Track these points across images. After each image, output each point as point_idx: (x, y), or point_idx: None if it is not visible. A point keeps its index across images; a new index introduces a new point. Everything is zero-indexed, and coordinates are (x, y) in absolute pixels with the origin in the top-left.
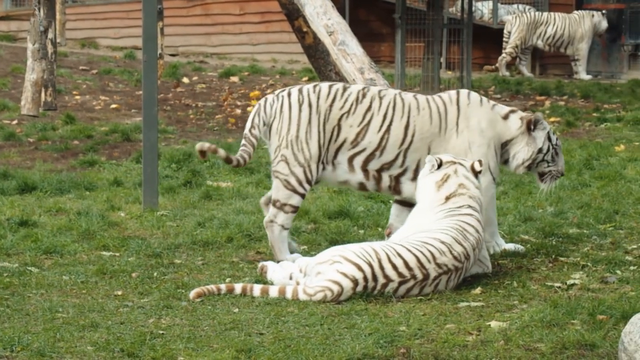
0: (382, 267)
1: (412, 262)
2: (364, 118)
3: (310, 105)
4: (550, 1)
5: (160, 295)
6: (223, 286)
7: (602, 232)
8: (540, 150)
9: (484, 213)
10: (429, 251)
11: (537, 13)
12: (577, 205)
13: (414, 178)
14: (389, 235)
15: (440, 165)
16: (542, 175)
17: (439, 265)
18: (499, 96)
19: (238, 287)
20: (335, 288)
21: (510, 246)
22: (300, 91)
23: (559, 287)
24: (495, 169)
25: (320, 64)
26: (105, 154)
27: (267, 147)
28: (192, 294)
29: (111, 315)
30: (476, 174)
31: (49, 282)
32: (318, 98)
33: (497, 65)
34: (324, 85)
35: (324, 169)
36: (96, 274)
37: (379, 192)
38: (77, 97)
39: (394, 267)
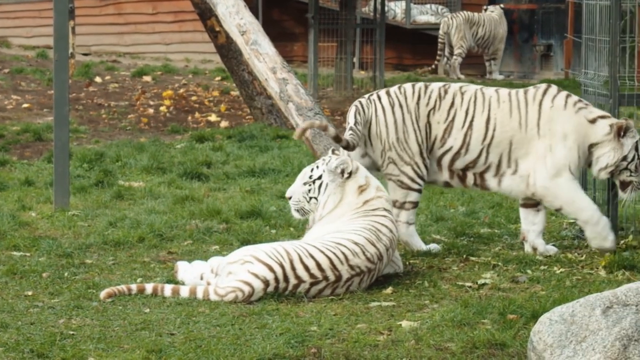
0: (293, 268)
1: (325, 264)
2: (448, 114)
3: (401, 106)
4: (462, 1)
5: (70, 296)
6: (134, 286)
7: (513, 232)
8: (625, 158)
9: (572, 205)
10: (342, 252)
11: (469, 13)
12: (488, 205)
13: (497, 174)
14: (524, 240)
15: (351, 170)
16: (624, 185)
17: (351, 267)
18: None
19: (149, 287)
20: (247, 288)
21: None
22: (388, 94)
23: (470, 287)
24: (576, 171)
25: (233, 64)
26: (16, 154)
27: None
28: (102, 294)
29: (21, 316)
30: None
31: None
32: (405, 98)
33: (433, 66)
34: (407, 85)
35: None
36: (6, 274)
37: (465, 188)
38: None
39: (306, 268)
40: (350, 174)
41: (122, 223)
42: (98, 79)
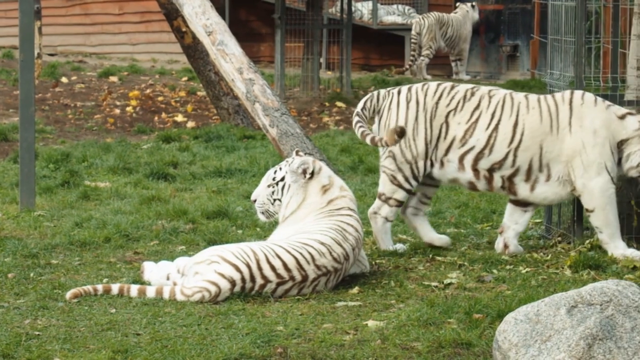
0: (260, 268)
1: (291, 264)
2: (471, 116)
3: (417, 103)
4: (429, 2)
5: (36, 296)
6: (100, 286)
7: (479, 232)
8: None
9: (603, 213)
10: (309, 252)
11: (440, 14)
12: (454, 205)
13: (527, 179)
14: (501, 233)
15: (314, 170)
16: None
17: (318, 267)
18: None
19: (115, 288)
20: (213, 289)
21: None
22: (409, 89)
23: (436, 287)
24: (613, 168)
25: (200, 64)
26: None
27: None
28: (68, 294)
29: None
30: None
31: None
32: (425, 95)
33: (406, 67)
34: (432, 84)
35: (432, 166)
36: None
37: (492, 192)
38: None
39: (273, 268)
40: (312, 174)
41: (88, 223)
42: (64, 79)
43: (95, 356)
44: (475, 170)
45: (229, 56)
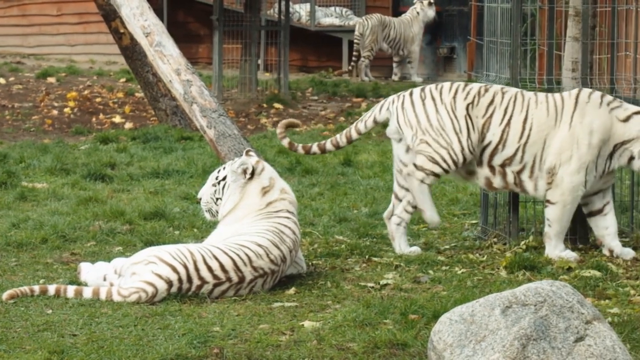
0: (197, 269)
1: (228, 265)
2: (486, 110)
3: (433, 99)
4: (367, 4)
5: None
6: (36, 287)
7: (415, 233)
8: None
9: (562, 210)
10: (246, 254)
11: (382, 16)
12: None
13: (532, 175)
14: (601, 244)
15: (254, 170)
16: None
17: (255, 269)
18: (316, 97)
19: (52, 289)
20: (150, 289)
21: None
22: (422, 89)
23: (372, 287)
24: (591, 172)
25: (138, 65)
26: None
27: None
28: (5, 295)
29: None
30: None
31: None
32: (440, 93)
33: (349, 68)
34: (446, 84)
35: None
36: None
37: (506, 189)
38: None
39: (210, 269)
40: (252, 174)
41: (25, 224)
42: (2, 80)
43: (31, 357)
44: (491, 166)
45: (166, 57)
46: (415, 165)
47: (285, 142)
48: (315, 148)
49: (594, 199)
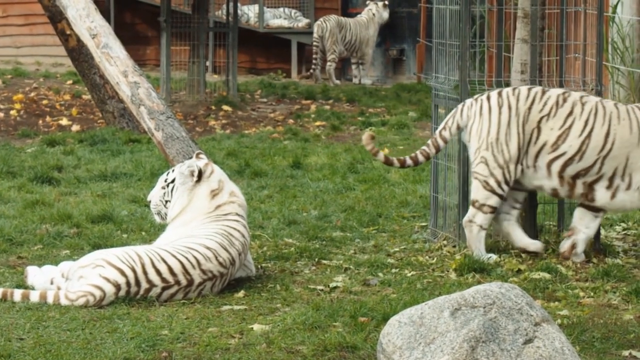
0: (145, 272)
1: (177, 268)
2: (564, 122)
3: (509, 108)
4: (315, 5)
5: None
6: None
7: (365, 235)
8: None
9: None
10: (194, 257)
11: (339, 17)
12: (341, 209)
13: (609, 186)
14: (570, 236)
15: (201, 173)
16: None
17: (203, 272)
18: (265, 100)
19: None
20: (98, 293)
21: None
22: (499, 94)
23: (322, 290)
24: None
25: (84, 67)
26: None
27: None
28: None
29: None
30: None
31: None
32: (517, 100)
33: (310, 72)
34: (523, 88)
35: (522, 171)
36: None
37: (570, 199)
38: None
39: (158, 272)
40: (200, 177)
41: None
42: None
43: None
44: (561, 177)
45: (113, 59)
46: (472, 202)
47: (380, 157)
48: (409, 161)
49: None
